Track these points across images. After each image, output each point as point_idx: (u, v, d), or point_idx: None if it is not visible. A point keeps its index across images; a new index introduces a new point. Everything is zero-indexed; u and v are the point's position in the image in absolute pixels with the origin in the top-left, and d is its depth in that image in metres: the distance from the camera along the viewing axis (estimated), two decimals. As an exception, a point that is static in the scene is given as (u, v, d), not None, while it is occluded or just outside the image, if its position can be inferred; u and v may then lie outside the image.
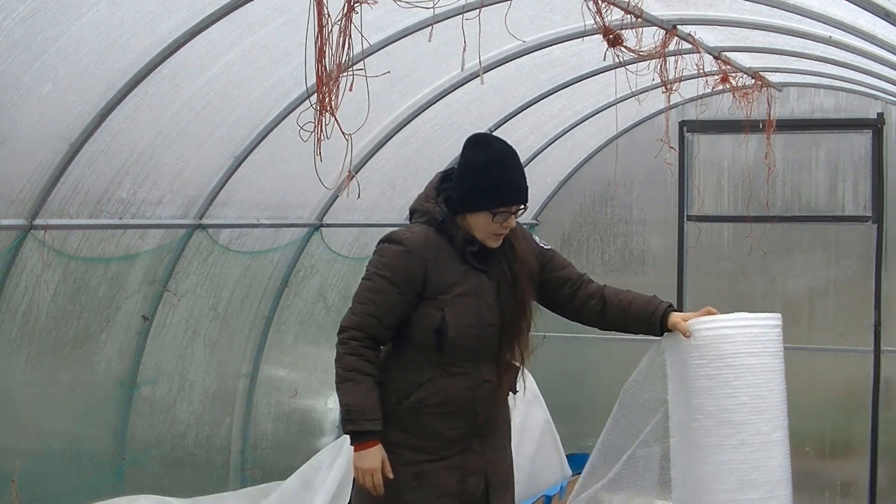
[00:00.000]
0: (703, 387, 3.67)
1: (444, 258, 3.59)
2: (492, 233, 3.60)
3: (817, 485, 7.68)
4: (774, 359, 3.77)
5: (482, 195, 3.55)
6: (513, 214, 3.60)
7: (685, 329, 3.70)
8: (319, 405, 7.12)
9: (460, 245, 3.60)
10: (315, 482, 5.51)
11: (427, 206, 3.67)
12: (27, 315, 4.72)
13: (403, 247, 3.57)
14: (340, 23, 3.21)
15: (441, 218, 3.61)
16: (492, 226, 3.58)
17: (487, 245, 3.62)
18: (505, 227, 3.60)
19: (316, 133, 3.24)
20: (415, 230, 3.63)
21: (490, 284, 3.64)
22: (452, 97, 6.23)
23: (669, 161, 7.17)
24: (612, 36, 4.64)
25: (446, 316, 3.54)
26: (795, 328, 7.81)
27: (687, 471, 3.75)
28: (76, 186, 4.66)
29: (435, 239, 3.60)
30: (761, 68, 6.75)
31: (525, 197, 3.62)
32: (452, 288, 3.57)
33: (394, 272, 3.56)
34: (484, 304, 3.61)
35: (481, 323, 3.59)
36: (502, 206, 3.56)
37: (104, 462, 5.37)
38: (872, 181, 7.54)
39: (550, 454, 6.60)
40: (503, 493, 3.75)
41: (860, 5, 4.00)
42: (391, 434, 3.59)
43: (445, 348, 3.55)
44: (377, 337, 3.59)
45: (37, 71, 4.09)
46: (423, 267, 3.55)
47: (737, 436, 3.65)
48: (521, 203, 3.61)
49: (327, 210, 6.40)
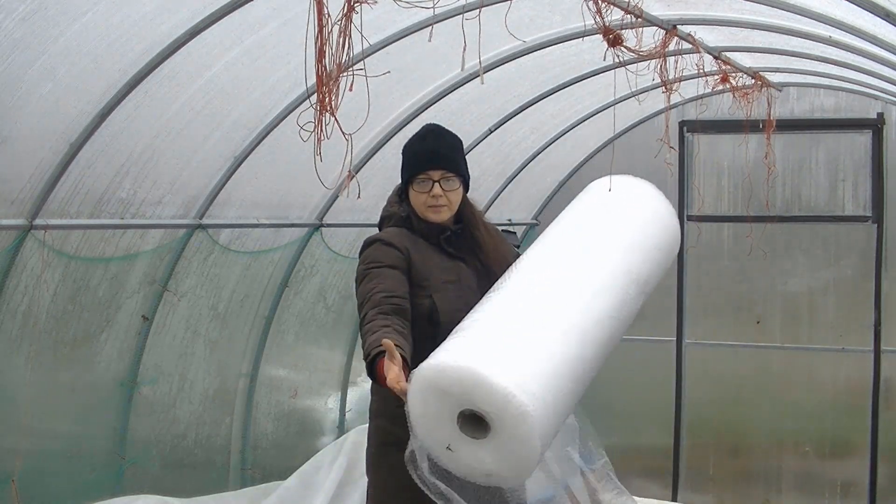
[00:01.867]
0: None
1: (421, 249, 3.63)
2: (424, 204, 3.63)
3: (817, 485, 7.69)
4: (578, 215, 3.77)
5: (404, 167, 3.69)
6: (436, 183, 3.61)
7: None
8: (319, 405, 7.12)
9: (434, 236, 3.65)
10: (315, 482, 5.52)
11: (392, 209, 3.74)
12: (27, 315, 4.72)
13: (380, 241, 3.62)
14: (340, 23, 3.21)
15: (405, 214, 3.68)
16: (421, 196, 3.63)
17: (431, 220, 3.64)
18: (433, 195, 3.62)
19: (316, 133, 3.24)
20: (388, 230, 3.69)
21: (469, 271, 3.67)
22: (452, 97, 6.24)
23: (669, 161, 7.15)
24: (612, 36, 4.64)
25: (435, 303, 3.56)
26: (795, 328, 7.82)
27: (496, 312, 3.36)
28: (76, 186, 4.66)
29: (409, 236, 3.65)
30: (761, 68, 6.75)
31: (442, 162, 3.63)
32: (436, 275, 3.59)
33: (383, 258, 3.55)
34: (467, 289, 3.62)
35: (468, 308, 3.60)
36: (418, 172, 3.62)
37: (104, 462, 5.38)
38: (872, 181, 7.54)
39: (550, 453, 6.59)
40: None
41: (860, 5, 4.00)
42: (398, 432, 3.59)
43: (439, 335, 3.55)
44: (396, 305, 3.41)
45: (37, 71, 4.09)
46: (406, 254, 3.58)
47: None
48: (435, 167, 3.62)
49: (327, 210, 6.41)
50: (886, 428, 7.50)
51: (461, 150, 3.77)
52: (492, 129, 6.91)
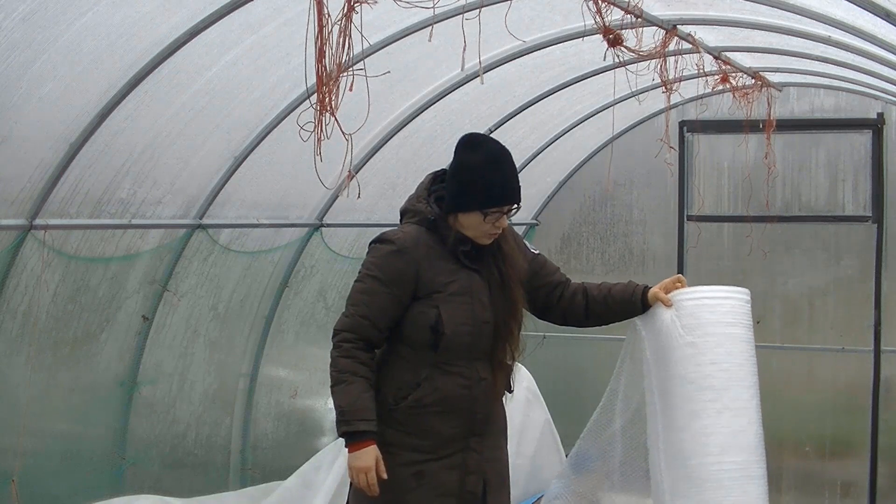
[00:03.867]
0: (686, 354, 3.73)
1: (435, 257, 3.60)
2: (484, 232, 3.60)
3: (817, 485, 7.69)
4: (748, 331, 3.85)
5: (474, 195, 3.56)
6: (504, 214, 3.60)
7: (667, 299, 3.75)
8: (319, 405, 7.12)
9: (452, 244, 3.61)
10: (315, 482, 5.50)
11: (419, 206, 3.69)
12: (27, 315, 4.72)
13: (393, 246, 3.58)
14: (340, 23, 3.21)
15: (433, 217, 3.62)
16: (484, 226, 3.58)
17: (480, 243, 3.62)
18: (497, 226, 3.60)
19: (316, 133, 3.24)
20: (406, 230, 3.64)
21: (482, 283, 3.65)
22: (452, 97, 6.23)
23: (669, 161, 7.16)
24: (612, 36, 4.64)
25: (441, 313, 3.55)
26: (795, 328, 7.82)
27: (668, 440, 3.78)
28: (76, 186, 4.66)
29: (426, 238, 3.61)
30: (761, 68, 6.75)
31: (517, 197, 3.62)
32: (446, 286, 3.58)
33: (384, 272, 3.57)
34: (478, 302, 3.61)
35: (476, 320, 3.60)
36: (494, 207, 3.56)
37: (104, 462, 5.38)
38: (872, 181, 7.54)
39: (550, 454, 6.60)
40: (499, 491, 3.75)
41: (860, 5, 4.00)
42: (389, 435, 3.60)
43: (441, 346, 3.56)
44: (370, 339, 3.60)
45: (37, 71, 4.09)
46: (415, 266, 3.56)
47: (719, 401, 3.70)
48: (514, 203, 3.61)
49: (327, 210, 6.40)
50: (886, 428, 7.50)
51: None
52: (492, 129, 6.91)
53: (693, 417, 3.72)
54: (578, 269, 8.17)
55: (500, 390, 3.74)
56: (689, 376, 3.72)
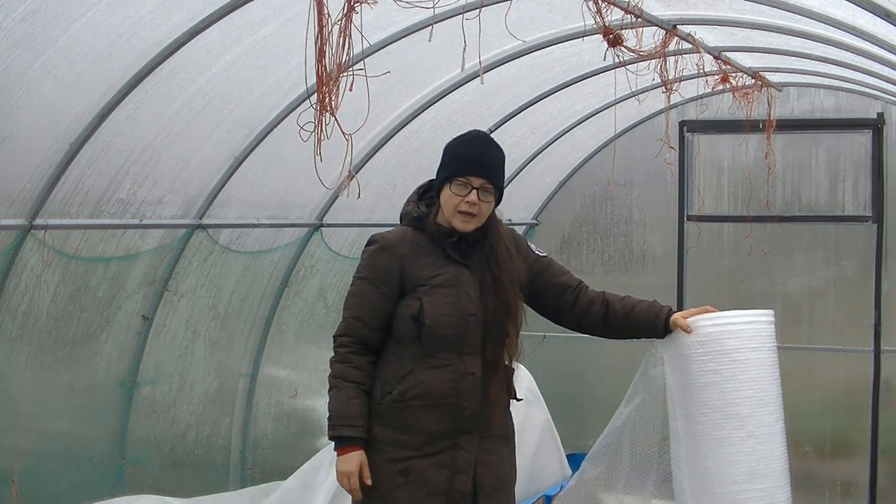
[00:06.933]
0: (709, 381, 3.72)
1: (421, 253, 3.65)
2: (455, 209, 3.62)
3: (817, 485, 7.68)
4: (772, 353, 3.85)
5: (442, 168, 3.68)
6: (475, 190, 3.60)
7: (687, 326, 3.74)
8: (319, 405, 7.11)
9: (440, 239, 3.66)
10: (315, 482, 5.51)
11: (408, 208, 3.78)
12: (27, 315, 4.72)
13: (377, 245, 3.69)
14: (340, 23, 3.21)
15: (417, 215, 3.70)
16: (454, 199, 3.61)
17: (456, 227, 3.64)
18: (469, 202, 3.60)
19: (316, 133, 3.25)
20: (393, 231, 3.75)
21: (471, 278, 3.66)
22: (452, 97, 6.24)
23: (669, 161, 7.16)
24: (612, 36, 4.65)
25: (424, 304, 3.58)
26: (795, 328, 7.81)
27: (693, 466, 3.79)
28: (76, 186, 4.66)
29: (413, 236, 3.68)
30: (761, 68, 6.75)
31: (484, 172, 3.63)
32: (431, 279, 3.62)
33: (371, 271, 3.66)
34: (464, 296, 3.63)
35: (461, 312, 3.60)
36: (458, 176, 3.60)
37: (104, 462, 5.38)
38: (872, 181, 7.53)
39: (550, 454, 6.60)
40: (493, 496, 3.67)
41: (860, 5, 4.00)
42: (376, 430, 3.62)
43: (424, 337, 3.57)
44: (365, 340, 3.65)
45: (37, 71, 4.09)
46: (399, 262, 3.62)
47: (744, 428, 3.72)
48: (477, 175, 3.61)
49: (327, 210, 6.40)
50: (886, 428, 7.50)
51: (504, 164, 3.76)
52: (492, 129, 6.91)
53: (718, 445, 3.73)
54: (578, 270, 8.17)
55: (493, 388, 3.68)
56: (712, 403, 3.72)
